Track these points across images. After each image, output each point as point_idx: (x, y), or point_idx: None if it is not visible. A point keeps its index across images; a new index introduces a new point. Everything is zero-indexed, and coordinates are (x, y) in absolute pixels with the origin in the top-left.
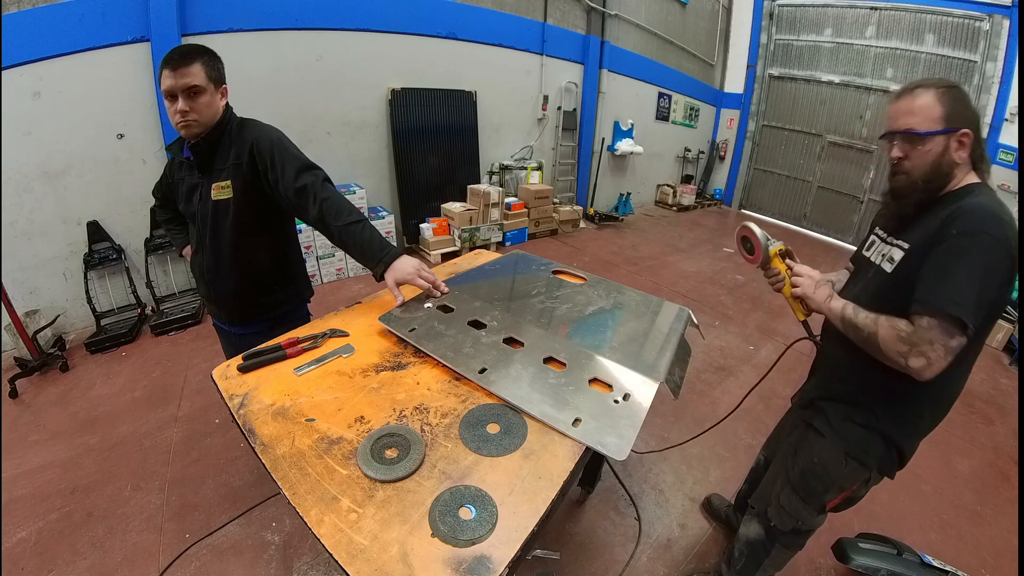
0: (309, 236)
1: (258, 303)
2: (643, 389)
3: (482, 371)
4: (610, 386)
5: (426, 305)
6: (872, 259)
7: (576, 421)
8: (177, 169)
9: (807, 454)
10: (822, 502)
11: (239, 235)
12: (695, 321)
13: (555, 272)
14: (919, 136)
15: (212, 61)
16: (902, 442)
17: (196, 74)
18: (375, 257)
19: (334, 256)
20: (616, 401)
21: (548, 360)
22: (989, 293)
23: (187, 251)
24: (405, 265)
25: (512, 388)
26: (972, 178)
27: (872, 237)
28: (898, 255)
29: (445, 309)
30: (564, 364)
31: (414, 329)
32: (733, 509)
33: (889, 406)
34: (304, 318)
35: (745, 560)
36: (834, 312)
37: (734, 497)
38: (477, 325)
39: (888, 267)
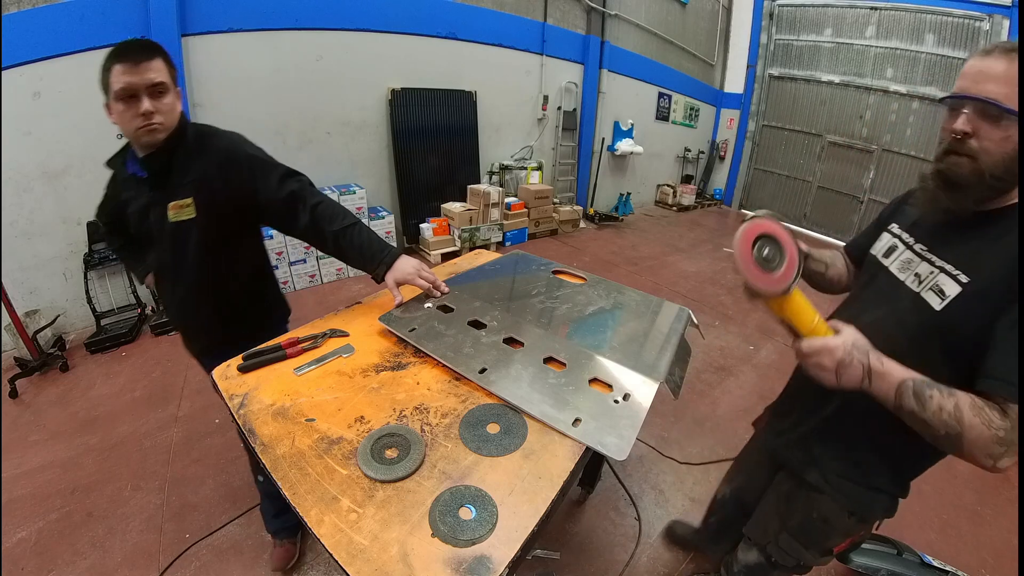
0: None
1: (235, 330)
2: (643, 389)
3: (482, 371)
4: (610, 386)
5: (426, 305)
6: (898, 275)
7: (576, 421)
8: (123, 187)
9: (805, 507)
10: (826, 547)
11: (206, 257)
12: (695, 321)
13: (555, 272)
14: (1004, 111)
15: (169, 58)
16: (906, 488)
17: (160, 69)
18: (375, 258)
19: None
20: (616, 401)
21: (548, 360)
22: None
23: (149, 279)
24: (405, 265)
25: (512, 388)
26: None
27: (891, 239)
28: (951, 288)
29: (445, 309)
30: (564, 364)
31: (414, 329)
32: (704, 539)
33: (890, 454)
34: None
35: None
36: (881, 398)
37: (702, 522)
38: (477, 325)
39: (936, 302)
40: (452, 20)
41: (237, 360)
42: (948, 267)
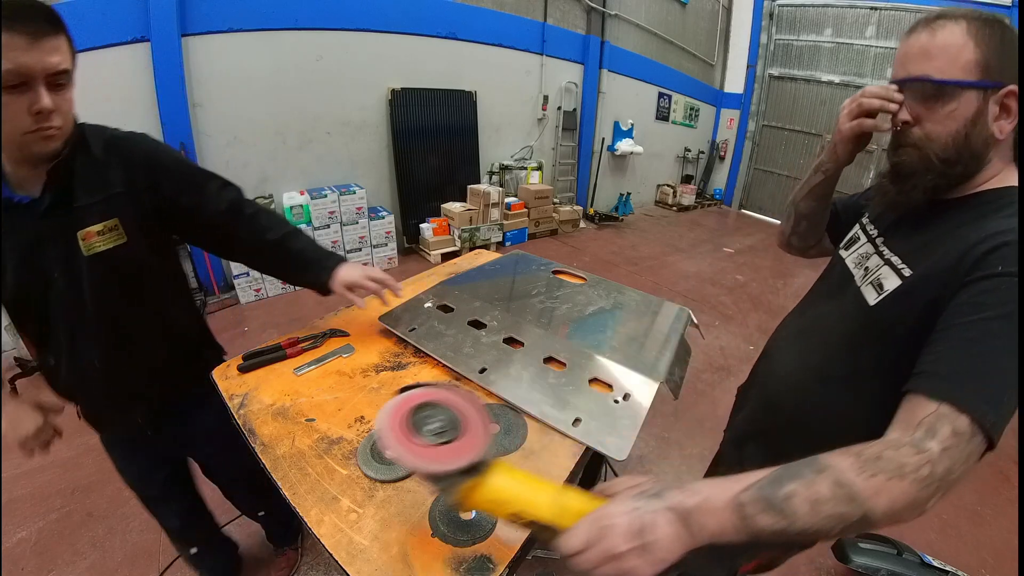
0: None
1: (190, 372)
2: (643, 389)
3: (482, 371)
4: (610, 386)
5: (426, 305)
6: (851, 268)
7: (576, 421)
8: None
9: None
10: (733, 566)
11: (148, 293)
12: (695, 321)
13: (555, 272)
14: (938, 84)
15: (71, 37)
16: None
17: (65, 52)
18: (320, 264)
19: None
20: (616, 401)
21: (548, 360)
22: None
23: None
24: (351, 269)
25: (512, 388)
26: (1012, 177)
27: (857, 229)
28: (892, 283)
29: (445, 309)
30: (564, 364)
31: (414, 329)
32: None
33: None
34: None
35: None
36: (724, 538)
37: None
38: (477, 325)
39: (872, 297)
40: (452, 20)
41: (237, 360)
42: (895, 260)
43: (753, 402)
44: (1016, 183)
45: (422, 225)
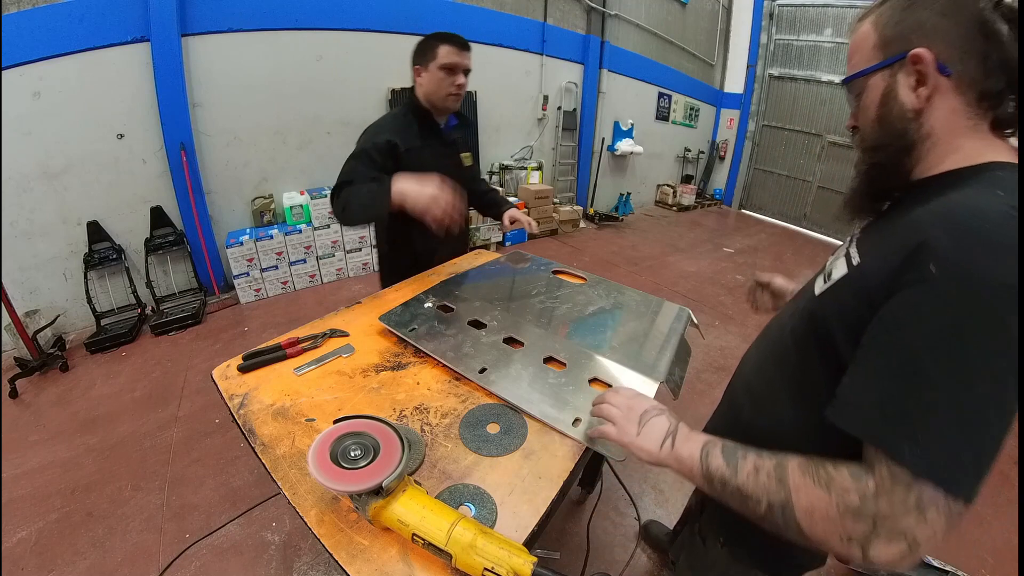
0: (309, 236)
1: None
2: (643, 389)
3: (482, 371)
4: (610, 386)
5: (426, 305)
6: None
7: (576, 421)
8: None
9: (692, 527)
10: None
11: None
12: (695, 321)
13: (555, 272)
14: (850, 79)
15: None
16: (797, 555)
17: (471, 59)
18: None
19: (334, 256)
20: None
21: (548, 360)
22: (1000, 419)
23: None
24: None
25: (512, 388)
26: (988, 152)
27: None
28: (839, 271)
29: (445, 309)
30: (564, 364)
31: (414, 329)
32: (669, 541)
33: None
34: None
35: None
36: (686, 465)
37: (672, 530)
38: (477, 325)
39: (820, 286)
40: (452, 20)
41: (237, 360)
42: (852, 251)
43: (721, 401)
44: (990, 158)
45: None
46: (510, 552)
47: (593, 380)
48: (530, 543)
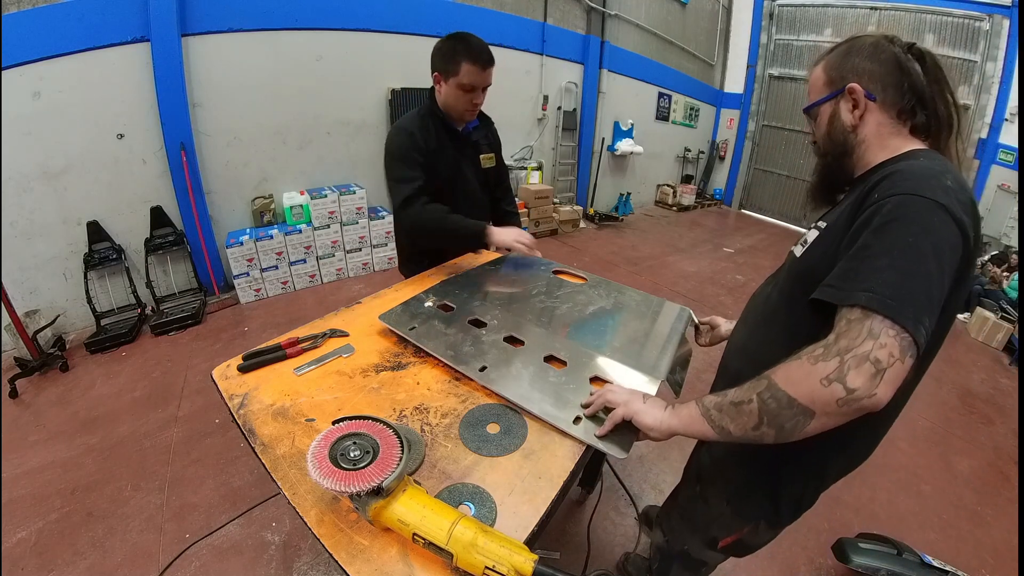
0: (309, 236)
1: None
2: (645, 388)
3: (482, 369)
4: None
5: (427, 304)
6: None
7: (577, 419)
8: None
9: (693, 483)
10: (708, 535)
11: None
12: (696, 320)
13: (555, 272)
14: (809, 108)
15: None
16: (798, 498)
17: (491, 76)
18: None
19: (334, 256)
20: None
21: (549, 359)
22: (929, 278)
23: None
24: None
25: (513, 387)
26: (911, 143)
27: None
28: (812, 236)
29: (445, 308)
30: (565, 363)
31: (414, 328)
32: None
33: (792, 456)
34: None
35: (658, 564)
36: (688, 417)
37: None
38: (478, 324)
39: (799, 251)
40: (452, 20)
41: (237, 360)
42: (819, 223)
43: (718, 378)
44: (912, 147)
45: None
46: (511, 551)
47: (594, 379)
48: (530, 543)
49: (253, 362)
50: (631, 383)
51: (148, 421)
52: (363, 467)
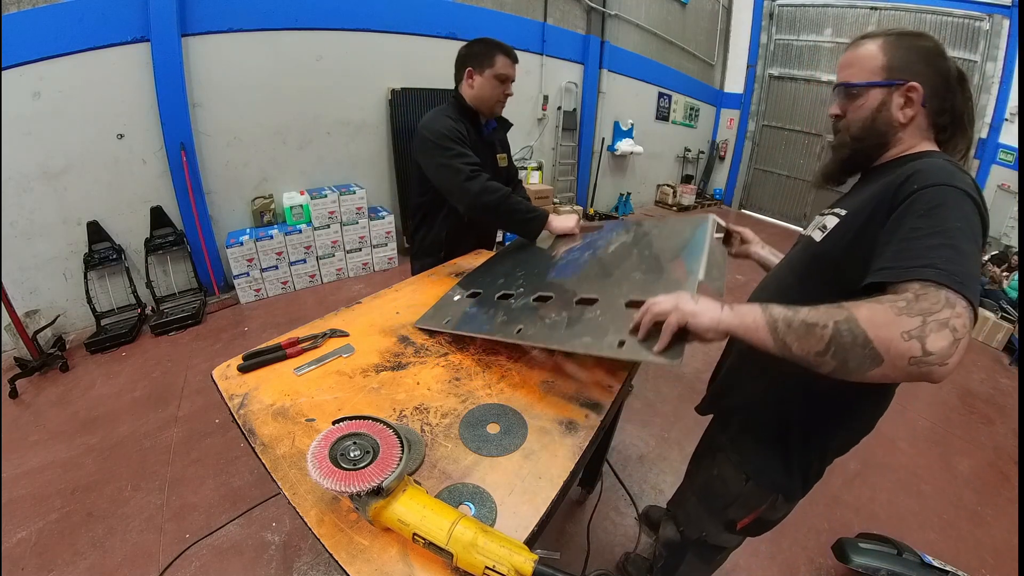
0: (309, 236)
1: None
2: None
3: (518, 331)
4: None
5: (456, 299)
6: (805, 232)
7: (621, 343)
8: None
9: (709, 463)
10: (727, 517)
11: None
12: (723, 225)
13: (560, 236)
14: (852, 87)
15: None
16: (807, 468)
17: (515, 71)
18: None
19: (334, 256)
20: None
21: (580, 302)
22: (976, 260)
23: None
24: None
25: (550, 335)
26: (930, 145)
27: (815, 216)
28: (832, 222)
29: (473, 295)
30: (597, 299)
31: (449, 320)
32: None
33: (798, 424)
34: None
35: (664, 562)
36: (748, 319)
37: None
38: (506, 297)
39: (818, 236)
40: (452, 20)
41: (237, 360)
42: (836, 209)
43: (727, 359)
44: (932, 149)
45: None
46: (511, 550)
47: (630, 303)
48: (530, 543)
49: (253, 362)
50: (668, 292)
51: (148, 421)
52: (363, 467)
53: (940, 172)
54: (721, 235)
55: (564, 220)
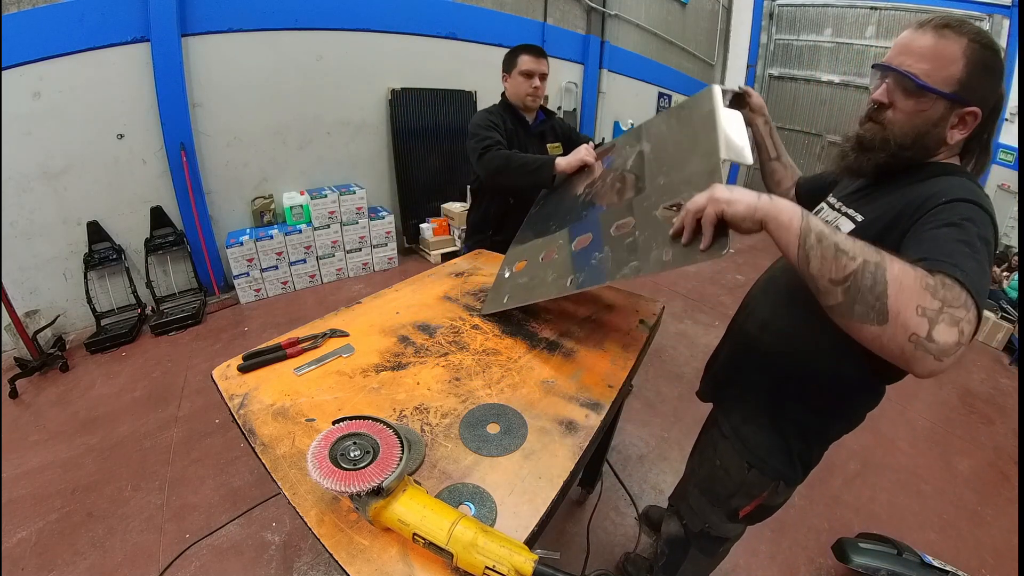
0: (309, 236)
1: None
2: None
3: (571, 282)
4: (678, 204)
5: (506, 275)
6: None
7: (666, 256)
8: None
9: (711, 454)
10: (730, 507)
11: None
12: (728, 89)
13: (577, 172)
14: (919, 87)
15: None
16: (806, 454)
17: (547, 66)
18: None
19: (334, 256)
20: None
21: (617, 229)
22: (989, 279)
23: None
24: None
25: (602, 273)
26: (955, 160)
27: (822, 205)
28: (846, 226)
29: (520, 267)
30: (632, 220)
31: (508, 296)
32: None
33: (797, 411)
34: None
35: (666, 559)
36: (785, 215)
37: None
38: (548, 255)
39: None
40: (452, 20)
41: (237, 360)
42: (850, 211)
43: (729, 348)
44: (955, 163)
45: (422, 225)
46: (511, 550)
47: (666, 207)
48: (530, 543)
49: (253, 362)
50: (696, 186)
51: (148, 421)
52: (363, 467)
53: (972, 190)
54: (729, 99)
55: (570, 157)
